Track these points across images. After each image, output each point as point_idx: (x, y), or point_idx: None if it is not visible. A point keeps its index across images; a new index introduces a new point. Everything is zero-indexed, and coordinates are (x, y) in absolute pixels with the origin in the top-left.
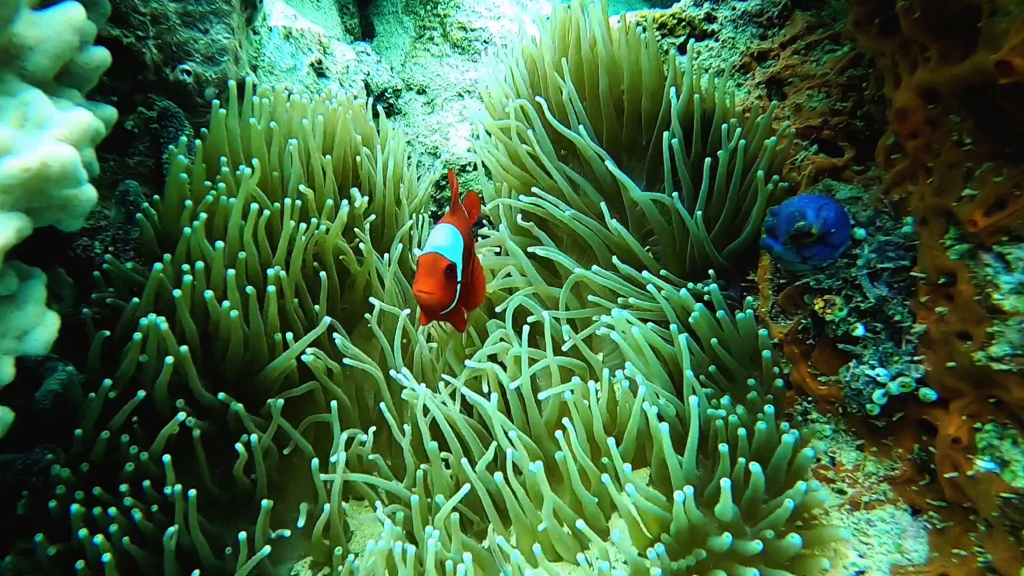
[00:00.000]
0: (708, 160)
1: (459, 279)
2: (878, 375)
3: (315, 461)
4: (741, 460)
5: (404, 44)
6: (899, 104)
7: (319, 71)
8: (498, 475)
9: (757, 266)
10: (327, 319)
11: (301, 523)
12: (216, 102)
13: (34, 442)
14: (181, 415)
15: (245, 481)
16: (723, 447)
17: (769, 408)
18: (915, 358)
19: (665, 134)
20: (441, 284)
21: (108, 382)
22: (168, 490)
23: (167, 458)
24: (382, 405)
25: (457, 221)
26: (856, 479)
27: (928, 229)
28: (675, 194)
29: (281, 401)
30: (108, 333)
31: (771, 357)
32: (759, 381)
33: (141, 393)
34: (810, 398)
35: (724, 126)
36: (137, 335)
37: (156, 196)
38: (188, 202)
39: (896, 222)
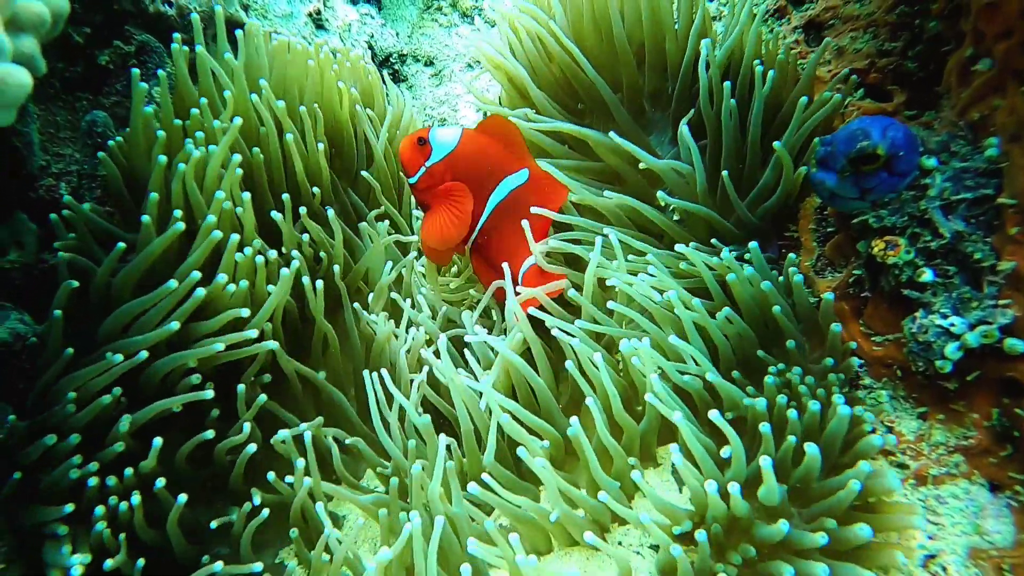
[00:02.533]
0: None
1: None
2: (952, 325)
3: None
4: (790, 438)
5: (412, 16)
6: None
7: (318, 23)
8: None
9: (796, 221)
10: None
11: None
12: (178, 36)
13: None
14: (209, 393)
15: (223, 461)
16: (764, 427)
17: (838, 396)
18: (1000, 302)
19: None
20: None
21: (115, 356)
22: (160, 482)
23: (157, 441)
24: (373, 375)
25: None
26: (920, 450)
27: (1021, 146)
28: (697, 158)
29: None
30: (76, 284)
31: (839, 331)
32: (819, 355)
33: (143, 354)
34: (861, 361)
35: (759, 69)
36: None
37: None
38: (160, 133)
39: (975, 146)
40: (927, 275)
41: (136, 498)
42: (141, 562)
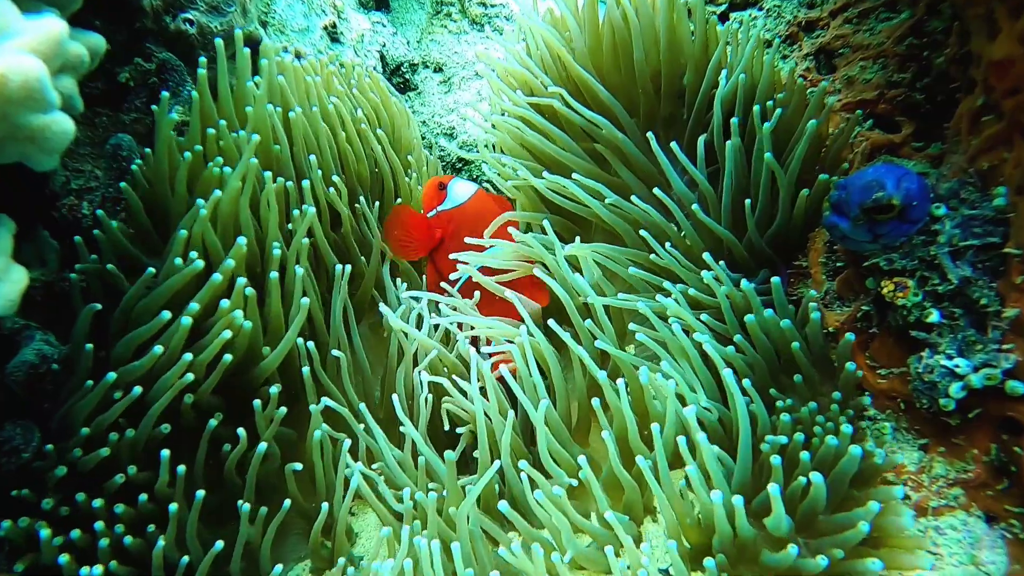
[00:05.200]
0: (729, 145)
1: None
2: (957, 366)
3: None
4: (801, 479)
5: (420, 21)
6: (998, 55)
7: (333, 36)
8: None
9: (805, 250)
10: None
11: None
12: (204, 60)
13: (6, 418)
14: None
15: (236, 481)
16: (775, 459)
17: (847, 427)
18: (1003, 347)
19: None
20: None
21: (112, 376)
22: (172, 507)
23: (165, 453)
24: (394, 398)
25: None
26: (921, 482)
27: None
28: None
29: (276, 389)
30: (99, 306)
31: (854, 370)
32: (828, 388)
33: (137, 390)
34: (867, 392)
35: (769, 103)
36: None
37: (147, 150)
38: (186, 154)
39: (983, 194)
40: (934, 316)
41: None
42: None
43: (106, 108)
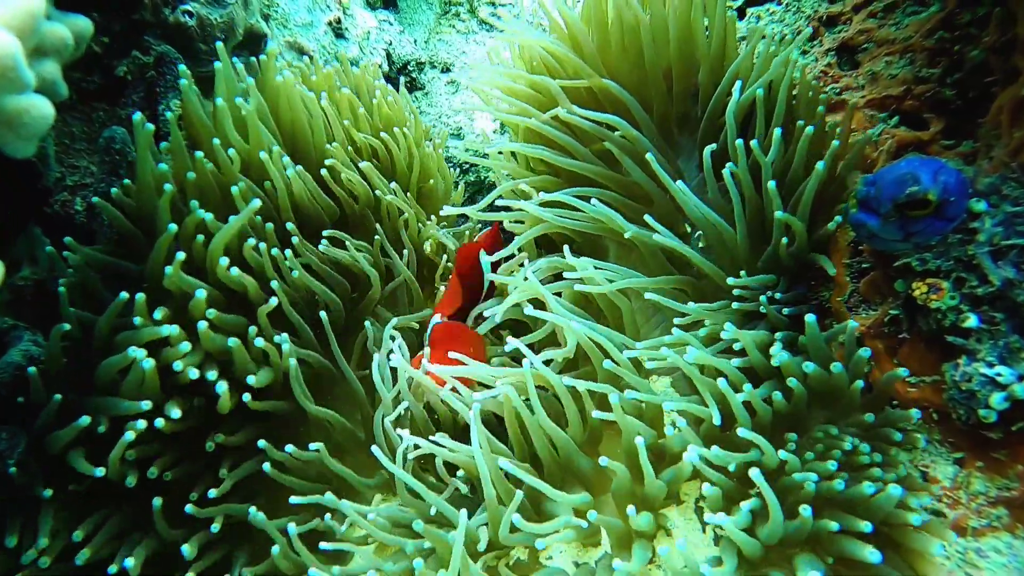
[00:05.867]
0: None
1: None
2: (999, 374)
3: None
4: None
5: (429, 21)
6: None
7: (337, 31)
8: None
9: (828, 253)
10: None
11: None
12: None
13: None
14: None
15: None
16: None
17: (896, 490)
18: None
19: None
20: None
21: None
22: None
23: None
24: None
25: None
26: (958, 499)
27: None
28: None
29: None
30: (67, 327)
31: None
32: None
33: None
34: (895, 402)
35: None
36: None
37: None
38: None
39: None
40: (972, 321)
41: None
42: None
43: (103, 103)
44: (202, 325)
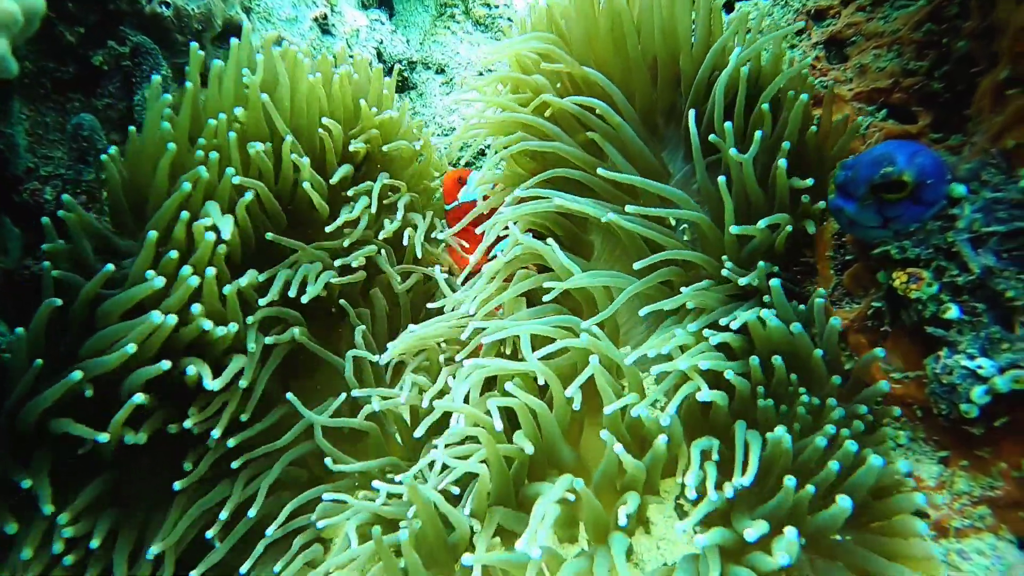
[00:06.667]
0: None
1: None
2: (980, 367)
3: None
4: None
5: (424, 23)
6: None
7: (324, 27)
8: None
9: (812, 246)
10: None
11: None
12: (196, 46)
13: None
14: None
15: None
16: (789, 480)
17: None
18: None
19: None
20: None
21: (78, 375)
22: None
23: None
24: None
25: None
26: (942, 499)
27: None
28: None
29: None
30: (59, 302)
31: (888, 388)
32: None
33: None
34: (879, 399)
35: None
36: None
37: (130, 130)
38: (170, 145)
39: (1009, 176)
40: (953, 311)
41: None
42: None
43: (78, 93)
44: (210, 272)
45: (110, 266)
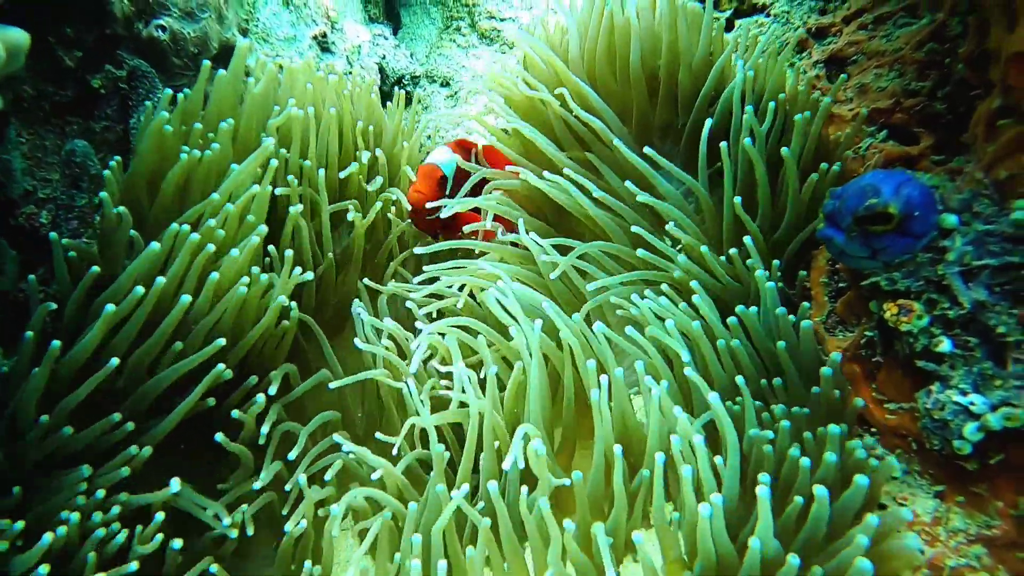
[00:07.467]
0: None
1: (447, 193)
2: (972, 403)
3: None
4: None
5: (431, 36)
6: (1017, 47)
7: (323, 45)
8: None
9: (808, 267)
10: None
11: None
12: (206, 63)
13: None
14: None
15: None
16: (763, 477)
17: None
18: None
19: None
20: (432, 189)
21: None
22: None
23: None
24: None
25: (456, 150)
26: (936, 535)
27: None
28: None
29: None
30: (54, 305)
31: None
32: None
33: (115, 361)
34: (874, 429)
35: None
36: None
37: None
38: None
39: (1001, 207)
40: (945, 345)
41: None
42: None
43: (77, 117)
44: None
45: (96, 268)
